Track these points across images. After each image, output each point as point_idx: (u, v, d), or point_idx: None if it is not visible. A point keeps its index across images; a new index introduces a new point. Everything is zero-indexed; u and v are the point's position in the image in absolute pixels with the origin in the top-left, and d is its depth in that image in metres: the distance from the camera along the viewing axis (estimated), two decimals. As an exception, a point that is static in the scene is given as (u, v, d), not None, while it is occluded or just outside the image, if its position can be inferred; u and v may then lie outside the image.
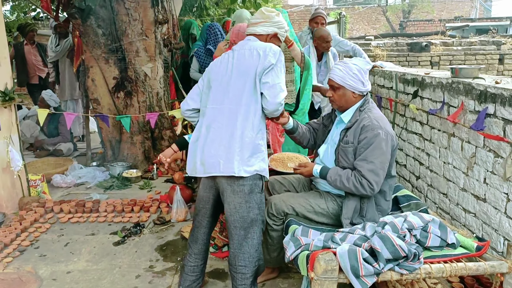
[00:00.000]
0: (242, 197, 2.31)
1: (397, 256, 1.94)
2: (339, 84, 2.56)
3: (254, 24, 2.51)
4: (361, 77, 2.53)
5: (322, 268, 1.91)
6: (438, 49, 9.29)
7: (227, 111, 2.31)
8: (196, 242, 2.55)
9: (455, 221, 3.34)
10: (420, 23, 19.20)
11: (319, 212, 2.62)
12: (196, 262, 2.55)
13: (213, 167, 2.29)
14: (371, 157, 2.40)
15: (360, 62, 2.59)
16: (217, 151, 2.28)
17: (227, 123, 2.30)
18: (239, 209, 2.33)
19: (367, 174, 2.39)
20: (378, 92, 4.83)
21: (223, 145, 2.28)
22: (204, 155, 2.32)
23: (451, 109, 3.32)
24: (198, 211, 2.53)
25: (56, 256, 3.31)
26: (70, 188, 4.79)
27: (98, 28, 4.96)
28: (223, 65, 2.41)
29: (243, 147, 2.27)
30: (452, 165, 3.37)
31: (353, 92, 2.56)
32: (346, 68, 2.54)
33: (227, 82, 2.35)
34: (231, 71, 2.36)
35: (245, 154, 2.27)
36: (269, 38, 2.51)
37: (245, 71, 2.32)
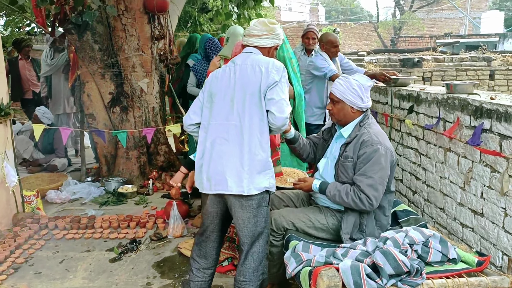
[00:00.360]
0: (251, 211, 2.31)
1: (399, 271, 1.94)
2: (338, 98, 2.60)
3: (258, 36, 2.47)
4: (360, 93, 2.56)
5: (325, 284, 1.90)
6: (430, 65, 9.43)
7: (233, 128, 2.30)
8: (205, 257, 2.53)
9: (452, 236, 3.35)
10: (411, 39, 19.49)
11: (319, 228, 2.62)
12: (204, 277, 2.53)
13: (220, 184, 2.29)
14: (371, 172, 2.42)
15: (361, 78, 2.63)
16: (224, 167, 2.28)
17: (233, 140, 2.29)
18: (247, 224, 2.33)
19: (366, 189, 2.40)
20: (373, 107, 4.87)
21: (231, 162, 2.27)
22: (210, 172, 2.31)
23: (447, 124, 3.36)
24: (207, 227, 2.51)
25: (52, 273, 3.26)
26: (65, 204, 4.74)
27: (95, 44, 4.97)
28: (225, 78, 2.40)
29: (253, 165, 2.27)
30: (448, 179, 3.39)
31: (351, 107, 2.59)
32: (347, 83, 2.58)
33: (230, 97, 2.33)
34: (234, 86, 2.35)
35: (254, 172, 2.27)
36: (271, 50, 2.51)
37: (248, 88, 2.31)
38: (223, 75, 2.42)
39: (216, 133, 2.34)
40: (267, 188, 2.33)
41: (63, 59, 6.18)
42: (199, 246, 2.54)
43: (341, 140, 2.66)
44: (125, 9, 4.94)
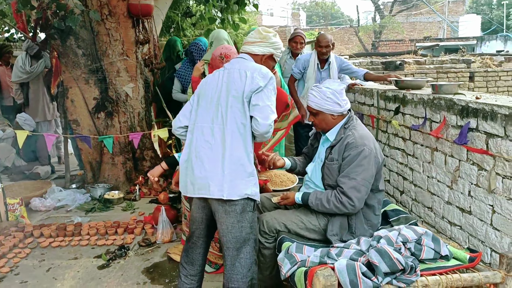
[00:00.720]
0: (234, 217, 2.28)
1: (394, 269, 1.95)
2: (317, 110, 2.62)
3: (251, 43, 2.47)
4: (336, 99, 2.58)
5: (321, 284, 1.90)
6: (411, 67, 9.56)
7: (217, 131, 2.27)
8: (192, 264, 2.50)
9: (441, 234, 3.39)
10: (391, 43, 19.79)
11: (311, 229, 2.62)
12: (192, 284, 2.50)
13: (203, 188, 2.26)
14: (353, 173, 2.44)
15: (332, 84, 2.63)
16: (207, 172, 2.25)
17: (216, 144, 2.26)
18: (231, 229, 2.30)
19: (349, 190, 2.42)
20: (359, 109, 4.91)
21: (214, 166, 2.24)
22: (194, 176, 2.29)
23: (433, 124, 3.41)
24: (193, 232, 2.49)
25: (38, 283, 3.18)
26: (50, 211, 4.65)
27: (78, 49, 4.91)
28: (214, 82, 2.39)
29: (235, 170, 2.24)
30: (436, 179, 3.43)
31: (331, 115, 2.61)
32: (320, 93, 2.59)
33: (216, 101, 2.31)
34: (220, 89, 2.33)
35: (236, 178, 2.24)
36: (264, 58, 2.48)
37: (234, 92, 2.28)
38: (213, 78, 2.41)
39: (201, 135, 2.30)
40: (249, 195, 2.28)
41: (43, 66, 6.06)
42: (187, 252, 2.52)
43: (327, 143, 2.68)
44: (109, 14, 4.89)
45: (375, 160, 2.49)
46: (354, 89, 5.06)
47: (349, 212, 2.49)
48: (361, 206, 2.50)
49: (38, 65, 6.14)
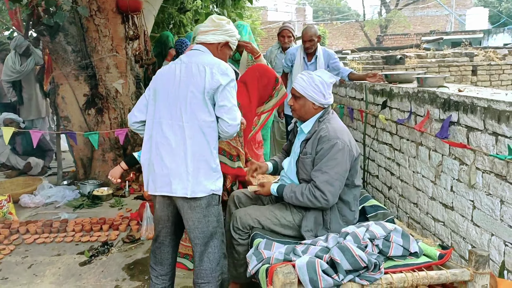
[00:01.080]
0: (200, 212, 2.24)
1: (357, 267, 1.90)
2: (300, 94, 2.56)
3: (204, 33, 2.39)
4: (323, 89, 2.53)
5: (281, 281, 1.85)
6: (412, 61, 9.43)
7: (177, 128, 2.21)
8: (162, 264, 2.45)
9: (425, 231, 3.32)
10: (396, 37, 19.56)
11: (285, 225, 2.58)
12: (164, 283, 2.46)
13: (165, 186, 2.22)
14: (326, 167, 2.39)
15: (324, 74, 2.59)
16: (168, 169, 2.20)
17: (177, 140, 2.20)
18: (198, 224, 2.27)
19: (321, 185, 2.37)
20: (350, 104, 4.85)
21: (175, 163, 2.19)
22: (155, 173, 2.24)
23: (418, 118, 3.34)
24: (159, 232, 2.44)
25: (19, 279, 3.18)
26: (39, 208, 4.66)
27: (68, 45, 4.90)
28: (170, 76, 2.29)
29: (198, 166, 2.20)
30: (421, 174, 3.37)
31: (313, 104, 2.56)
32: (309, 79, 2.54)
33: (174, 96, 2.24)
34: (179, 84, 2.25)
35: (199, 175, 2.20)
36: (220, 46, 2.40)
37: (192, 88, 2.21)
38: (169, 72, 2.32)
39: (160, 132, 2.24)
40: (213, 192, 2.26)
41: (33, 64, 6.07)
42: (154, 253, 2.46)
43: (302, 136, 2.63)
44: (97, 10, 4.87)
45: (349, 154, 2.44)
46: (345, 83, 4.99)
47: (323, 207, 2.44)
48: (335, 200, 2.45)
49: (28, 63, 6.15)
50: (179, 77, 2.25)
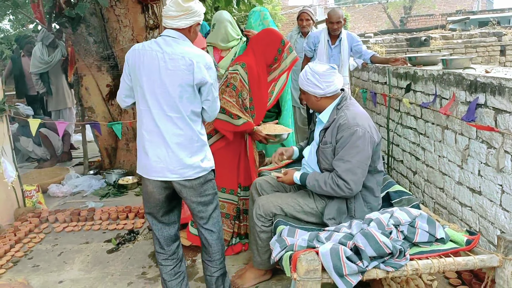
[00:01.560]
0: (197, 189, 2.31)
1: (381, 253, 1.88)
2: (303, 90, 2.60)
3: (174, 18, 2.25)
4: (316, 81, 2.49)
5: (304, 268, 1.85)
6: (438, 43, 9.18)
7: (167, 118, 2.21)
8: (168, 244, 2.48)
9: (452, 216, 3.26)
10: (421, 18, 19.05)
11: (308, 212, 2.57)
12: (174, 263, 2.50)
13: (161, 172, 2.24)
14: (348, 156, 2.36)
15: (316, 66, 2.54)
16: (161, 156, 2.22)
17: (167, 130, 2.21)
18: (199, 200, 2.34)
19: (344, 174, 2.35)
20: (373, 88, 4.76)
21: (166, 150, 2.21)
22: (149, 159, 2.25)
23: (443, 101, 3.26)
24: (156, 214, 2.42)
25: (49, 266, 3.28)
26: (66, 197, 4.78)
27: (89, 36, 4.95)
28: (154, 66, 2.21)
29: (192, 151, 2.25)
30: (447, 158, 3.29)
31: (314, 96, 2.55)
32: (304, 74, 2.56)
33: (162, 88, 2.20)
34: (165, 73, 2.19)
35: (193, 158, 2.25)
36: (192, 28, 2.31)
37: (183, 82, 2.19)
38: (151, 60, 2.21)
39: (150, 120, 2.23)
40: (207, 169, 2.32)
41: (60, 55, 6.18)
42: (157, 237, 2.46)
43: (321, 125, 2.61)
44: (117, 0, 4.89)
45: (370, 140, 2.40)
46: (368, 67, 4.91)
47: (346, 195, 2.42)
48: (358, 189, 2.42)
49: (55, 54, 6.27)
50: (165, 69, 2.19)
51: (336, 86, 2.51)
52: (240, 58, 3.16)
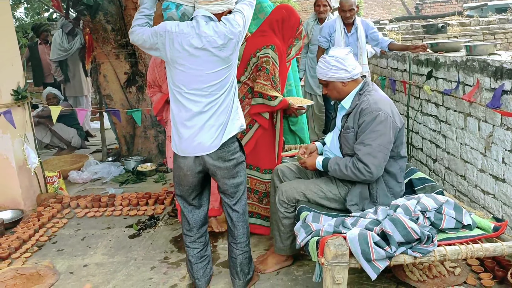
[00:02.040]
0: (229, 165, 2.37)
1: (409, 239, 1.88)
2: (325, 80, 2.57)
3: (208, 2, 2.25)
4: (341, 66, 2.49)
5: (332, 253, 1.87)
6: (455, 30, 9.04)
7: (205, 101, 2.27)
8: (197, 227, 2.54)
9: (474, 203, 3.24)
10: (436, 4, 18.71)
11: (331, 198, 2.58)
12: (201, 246, 2.57)
13: (198, 148, 2.31)
14: (368, 139, 2.37)
15: (336, 51, 2.55)
16: (198, 136, 2.29)
17: (204, 112, 2.28)
18: (229, 174, 2.40)
19: (364, 157, 2.35)
20: (392, 75, 4.72)
21: (204, 129, 2.29)
22: (187, 140, 2.30)
23: (467, 88, 3.22)
24: (189, 196, 2.48)
25: (73, 251, 3.34)
26: (86, 183, 4.84)
27: (107, 24, 4.96)
28: (191, 47, 2.20)
29: (225, 124, 2.34)
30: (469, 146, 3.27)
31: (342, 82, 2.53)
32: (325, 63, 2.54)
33: (201, 67, 2.23)
34: (204, 60, 2.22)
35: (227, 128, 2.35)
36: (224, 15, 2.31)
37: (221, 59, 2.24)
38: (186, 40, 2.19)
39: (186, 100, 2.28)
40: (235, 133, 2.40)
41: (79, 42, 6.22)
42: (187, 219, 2.53)
43: (343, 111, 2.61)
44: (135, -13, 4.89)
45: (392, 125, 2.39)
46: (387, 54, 4.86)
47: (367, 179, 2.42)
48: (379, 173, 2.42)
49: (75, 42, 6.31)
50: (204, 52, 2.21)
51: (360, 67, 2.53)
52: (264, 40, 3.07)
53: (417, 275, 2.44)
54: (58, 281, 2.90)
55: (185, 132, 2.30)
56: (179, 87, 2.27)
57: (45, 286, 2.81)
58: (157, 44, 2.22)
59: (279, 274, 2.82)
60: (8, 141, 3.89)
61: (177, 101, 2.30)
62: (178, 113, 2.31)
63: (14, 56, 4.00)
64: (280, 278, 2.77)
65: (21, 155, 3.97)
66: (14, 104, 3.91)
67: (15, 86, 3.94)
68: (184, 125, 2.30)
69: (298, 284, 2.68)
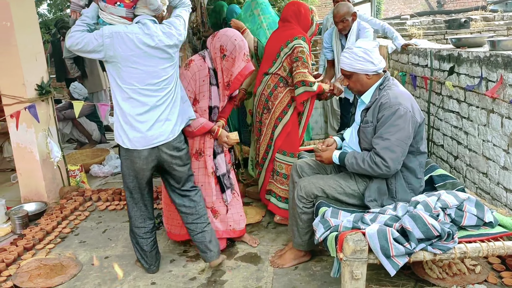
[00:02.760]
0: (182, 154, 2.68)
1: (429, 235, 1.87)
2: (350, 72, 2.55)
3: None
4: (368, 58, 2.48)
5: (351, 248, 1.87)
6: (478, 25, 8.87)
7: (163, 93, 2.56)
8: (150, 218, 2.86)
9: (495, 201, 3.19)
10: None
11: (349, 194, 2.58)
12: (153, 235, 2.89)
13: (158, 139, 2.54)
14: (387, 134, 2.36)
15: (364, 43, 2.54)
16: (164, 129, 2.55)
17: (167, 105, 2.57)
18: (183, 164, 2.71)
19: (382, 151, 2.34)
20: (412, 71, 4.66)
21: (170, 121, 2.58)
22: (148, 133, 2.51)
23: (490, 84, 3.16)
24: (139, 187, 2.73)
25: (95, 243, 3.41)
26: (107, 177, 4.93)
27: (127, 20, 5.01)
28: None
29: (182, 113, 2.68)
30: (491, 143, 3.21)
31: (366, 75, 2.52)
32: (352, 54, 2.52)
33: (153, 64, 2.50)
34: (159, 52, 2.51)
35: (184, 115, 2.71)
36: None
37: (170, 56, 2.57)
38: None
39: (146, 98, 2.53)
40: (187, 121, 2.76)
41: None
42: (139, 210, 2.81)
43: (362, 106, 2.60)
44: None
45: (412, 120, 2.37)
46: (407, 49, 4.79)
47: (384, 174, 2.40)
48: (397, 167, 2.40)
49: None
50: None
51: (384, 62, 2.53)
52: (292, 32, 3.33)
53: (436, 273, 2.42)
54: (80, 272, 2.97)
55: (141, 126, 2.49)
56: (133, 84, 2.46)
57: (68, 277, 2.88)
58: (101, 46, 2.39)
59: (297, 269, 2.83)
60: (32, 135, 3.98)
61: (129, 98, 2.48)
62: (131, 109, 2.48)
63: (38, 51, 4.08)
64: (298, 273, 2.78)
65: (44, 148, 4.06)
66: (38, 99, 3.99)
67: (39, 81, 4.03)
68: (138, 120, 2.49)
69: (316, 279, 2.69)
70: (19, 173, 4.11)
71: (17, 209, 3.87)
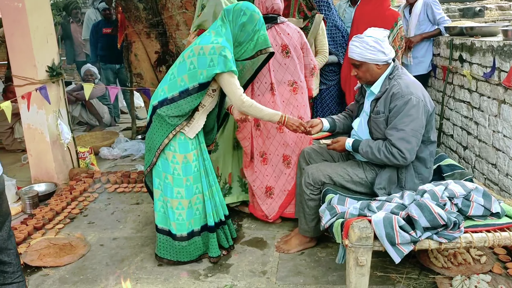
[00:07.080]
0: None
1: (435, 224, 1.87)
2: (360, 61, 2.50)
3: None
4: (380, 48, 2.43)
5: (357, 235, 1.88)
6: (493, 14, 8.71)
7: None
8: None
9: (504, 192, 3.18)
10: (474, -13, 18.01)
11: (357, 182, 2.58)
12: None
13: None
14: (401, 124, 2.33)
15: (375, 32, 2.49)
16: None
17: None
18: None
19: (398, 142, 2.33)
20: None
21: None
22: None
23: (502, 74, 3.12)
24: None
25: (103, 224, 3.46)
26: (117, 160, 4.97)
27: (139, 3, 5.00)
28: None
29: None
30: (502, 133, 3.19)
31: (376, 64, 2.48)
32: (363, 43, 2.46)
33: None
34: None
35: None
36: None
37: None
38: None
39: None
40: None
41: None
42: None
43: (372, 96, 2.57)
44: (167, -34, 4.90)
45: (424, 109, 2.36)
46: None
47: (400, 164, 2.40)
48: (412, 157, 2.40)
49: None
50: None
51: (393, 52, 2.49)
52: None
53: (441, 262, 2.43)
54: (89, 252, 3.02)
55: None
56: None
57: (77, 256, 2.93)
58: None
59: (302, 254, 2.85)
60: (43, 116, 4.01)
61: None
62: None
63: (49, 33, 4.09)
64: (304, 258, 2.80)
65: (55, 130, 4.10)
66: (49, 80, 4.01)
67: (50, 63, 4.05)
68: None
69: (321, 265, 2.71)
70: (30, 154, 4.16)
71: (27, 189, 3.93)
